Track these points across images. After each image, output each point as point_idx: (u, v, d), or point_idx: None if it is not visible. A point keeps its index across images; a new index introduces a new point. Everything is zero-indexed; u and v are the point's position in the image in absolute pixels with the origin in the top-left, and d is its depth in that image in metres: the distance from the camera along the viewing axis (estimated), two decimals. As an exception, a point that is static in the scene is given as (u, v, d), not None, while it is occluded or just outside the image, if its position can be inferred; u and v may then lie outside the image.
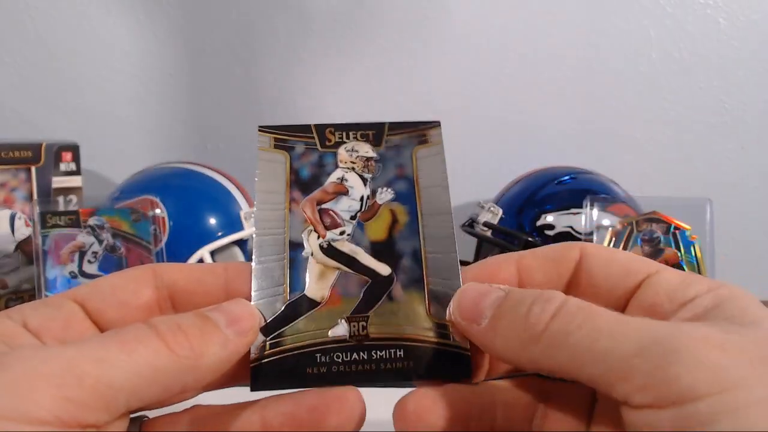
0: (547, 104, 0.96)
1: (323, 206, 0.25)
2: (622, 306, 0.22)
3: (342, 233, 0.25)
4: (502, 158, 0.96)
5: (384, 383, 0.22)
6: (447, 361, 0.23)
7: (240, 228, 0.77)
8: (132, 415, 0.20)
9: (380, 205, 0.26)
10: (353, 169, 0.26)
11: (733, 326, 0.18)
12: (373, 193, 0.26)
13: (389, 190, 0.26)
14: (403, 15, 0.94)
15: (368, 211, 0.25)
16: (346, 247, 0.25)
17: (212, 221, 0.77)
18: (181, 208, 0.76)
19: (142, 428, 0.21)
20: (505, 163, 0.94)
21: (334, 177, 0.26)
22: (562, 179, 0.76)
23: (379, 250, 0.24)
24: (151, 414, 0.22)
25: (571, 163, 0.83)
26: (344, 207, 0.25)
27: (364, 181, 0.26)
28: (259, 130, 0.27)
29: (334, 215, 0.25)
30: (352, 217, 0.25)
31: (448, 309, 0.23)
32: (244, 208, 0.79)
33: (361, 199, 0.26)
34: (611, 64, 0.95)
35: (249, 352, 0.22)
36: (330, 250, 0.24)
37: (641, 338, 0.17)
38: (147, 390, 0.19)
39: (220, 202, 0.79)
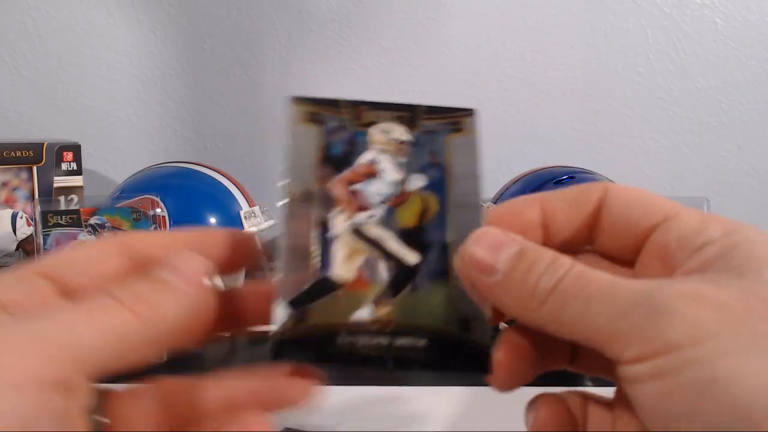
0: (545, 104, 0.96)
1: (353, 187, 0.25)
2: (638, 249, 0.22)
3: (371, 217, 0.24)
4: (500, 158, 0.96)
5: (404, 370, 0.23)
6: (468, 356, 0.23)
7: (240, 227, 0.78)
8: (99, 386, 0.21)
9: (410, 191, 0.25)
10: (386, 151, 0.25)
11: (731, 278, 0.18)
12: (404, 178, 0.25)
13: (421, 176, 0.25)
14: (403, 15, 0.94)
15: (399, 196, 0.25)
16: (374, 231, 0.24)
17: (212, 221, 0.77)
18: (182, 208, 0.76)
19: (108, 399, 0.22)
20: (504, 162, 0.95)
21: (366, 158, 0.25)
22: (561, 179, 0.77)
23: (407, 237, 0.24)
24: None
25: (569, 162, 0.84)
26: (375, 190, 0.25)
27: (396, 164, 0.25)
28: (292, 101, 0.26)
29: (363, 197, 0.25)
30: (382, 201, 0.25)
31: (458, 252, 0.22)
32: (244, 208, 0.80)
33: (393, 183, 0.25)
34: (609, 64, 0.95)
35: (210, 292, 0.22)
36: (358, 233, 0.24)
37: (629, 299, 0.18)
38: (115, 351, 0.20)
39: (220, 202, 0.79)
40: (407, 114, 0.26)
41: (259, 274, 0.25)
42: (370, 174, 0.25)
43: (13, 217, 0.71)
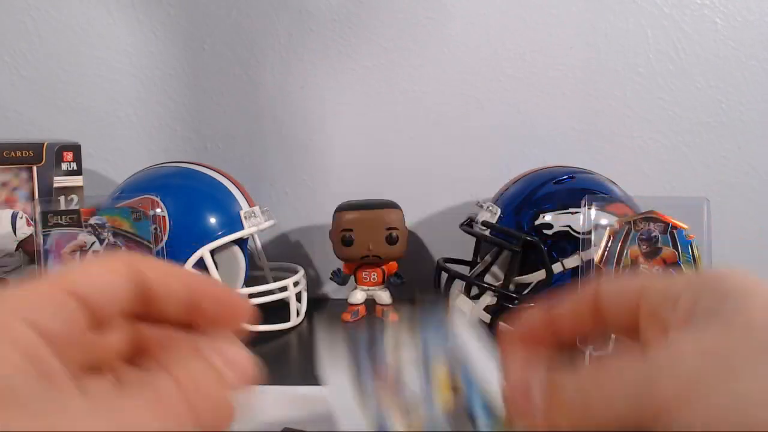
0: (545, 104, 0.96)
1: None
2: (635, 323, 0.25)
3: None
4: (500, 158, 0.96)
5: None
6: None
7: (240, 227, 0.78)
8: None
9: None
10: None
11: (712, 320, 0.21)
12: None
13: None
14: (403, 15, 0.94)
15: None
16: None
17: (212, 220, 0.77)
18: (182, 208, 0.76)
19: None
20: (504, 162, 0.95)
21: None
22: (561, 179, 0.77)
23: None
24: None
25: (570, 162, 0.84)
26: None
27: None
28: None
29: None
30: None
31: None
32: (244, 208, 0.80)
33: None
34: (609, 64, 0.95)
35: None
36: None
37: (630, 381, 0.20)
38: None
39: (220, 202, 0.79)
40: None
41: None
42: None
43: (13, 217, 0.71)
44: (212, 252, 0.76)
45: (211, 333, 0.23)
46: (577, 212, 0.71)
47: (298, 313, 0.82)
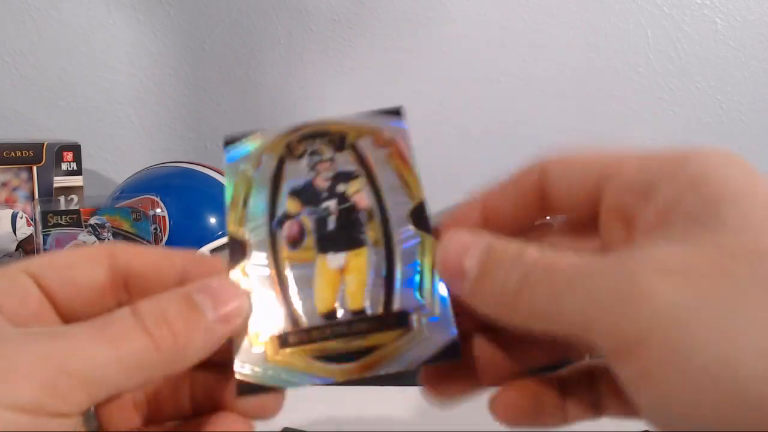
0: (545, 104, 0.96)
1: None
2: (595, 213, 0.21)
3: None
4: (500, 158, 0.96)
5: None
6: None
7: (240, 227, 0.78)
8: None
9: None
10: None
11: (693, 232, 0.17)
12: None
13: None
14: (403, 15, 0.94)
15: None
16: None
17: (212, 221, 0.77)
18: (182, 208, 0.76)
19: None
20: (504, 162, 0.95)
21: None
22: (561, 179, 0.77)
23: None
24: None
25: (570, 162, 0.84)
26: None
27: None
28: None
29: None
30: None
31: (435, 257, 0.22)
32: (245, 208, 0.80)
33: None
34: (609, 64, 0.95)
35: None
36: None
37: (595, 284, 0.17)
38: (130, 382, 0.19)
39: (220, 202, 0.79)
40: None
41: None
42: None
43: (13, 217, 0.71)
44: (212, 252, 0.76)
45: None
46: (577, 212, 0.71)
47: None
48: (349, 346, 0.23)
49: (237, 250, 0.24)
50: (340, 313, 0.23)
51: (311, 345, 0.23)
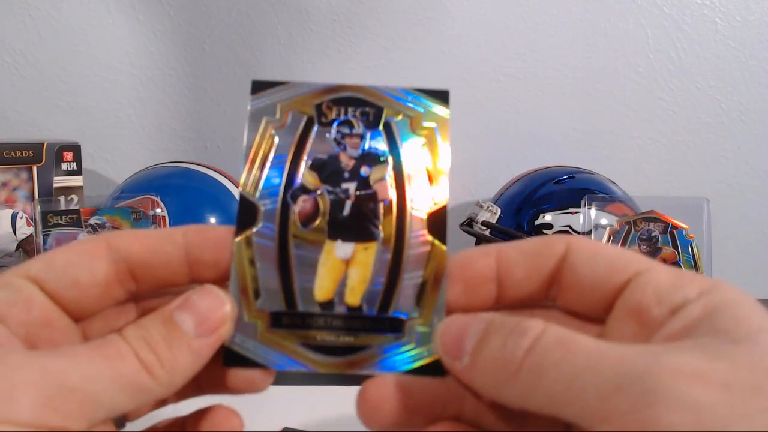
0: (545, 104, 0.96)
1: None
2: (608, 306, 0.20)
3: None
4: (500, 157, 0.96)
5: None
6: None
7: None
8: None
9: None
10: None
11: (723, 345, 0.17)
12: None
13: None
14: (403, 15, 0.94)
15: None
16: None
17: (212, 221, 0.77)
18: (182, 208, 0.76)
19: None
20: (504, 162, 0.95)
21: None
22: (561, 179, 0.77)
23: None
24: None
25: (570, 162, 0.84)
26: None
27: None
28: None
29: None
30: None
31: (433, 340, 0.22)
32: (245, 208, 0.80)
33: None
34: (609, 63, 0.95)
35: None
36: None
37: (620, 374, 0.16)
38: (130, 402, 0.19)
39: (220, 202, 0.79)
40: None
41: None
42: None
43: (13, 217, 0.71)
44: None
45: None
46: (577, 212, 0.71)
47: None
48: (338, 340, 0.22)
49: (247, 213, 0.23)
50: (336, 305, 0.23)
51: (302, 331, 0.22)
